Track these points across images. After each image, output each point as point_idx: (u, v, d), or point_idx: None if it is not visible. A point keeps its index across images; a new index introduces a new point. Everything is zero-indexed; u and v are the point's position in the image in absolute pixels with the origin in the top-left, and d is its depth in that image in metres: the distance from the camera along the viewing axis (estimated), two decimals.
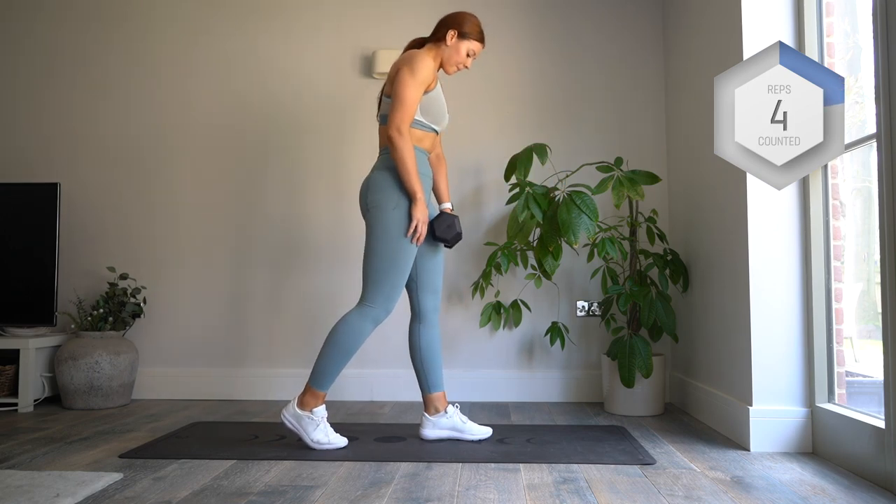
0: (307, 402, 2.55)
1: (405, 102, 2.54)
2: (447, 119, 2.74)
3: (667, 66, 3.69)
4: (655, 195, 3.59)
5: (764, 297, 2.54)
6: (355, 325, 2.55)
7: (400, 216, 2.55)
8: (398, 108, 2.54)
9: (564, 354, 3.62)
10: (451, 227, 2.68)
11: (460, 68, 2.73)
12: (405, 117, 2.55)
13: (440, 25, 2.71)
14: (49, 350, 3.51)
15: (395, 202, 2.56)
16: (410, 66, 2.57)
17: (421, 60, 2.58)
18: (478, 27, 2.71)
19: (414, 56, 2.60)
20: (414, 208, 2.55)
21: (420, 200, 2.54)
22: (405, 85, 2.55)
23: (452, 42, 2.68)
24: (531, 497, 1.98)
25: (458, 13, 2.71)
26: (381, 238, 2.55)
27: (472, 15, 2.72)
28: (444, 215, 2.70)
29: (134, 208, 3.79)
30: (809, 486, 2.07)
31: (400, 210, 2.56)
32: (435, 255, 2.75)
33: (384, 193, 2.57)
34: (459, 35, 2.67)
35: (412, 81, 2.55)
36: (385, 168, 2.61)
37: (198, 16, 3.84)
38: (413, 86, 2.55)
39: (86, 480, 2.07)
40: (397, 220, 2.55)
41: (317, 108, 3.77)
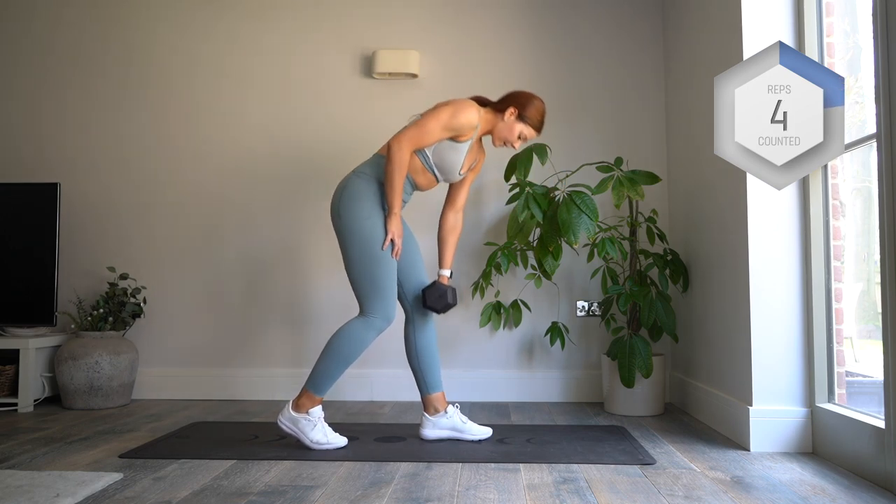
0: (303, 405, 2.55)
1: (423, 129, 2.54)
2: (455, 177, 2.70)
3: (667, 66, 3.69)
4: (655, 195, 3.59)
5: (764, 297, 2.54)
6: (357, 334, 2.55)
7: (373, 226, 2.54)
8: (415, 128, 2.54)
9: (564, 354, 3.62)
10: (443, 298, 2.67)
11: (507, 146, 2.70)
12: (414, 139, 2.53)
13: (507, 97, 2.68)
14: (49, 350, 3.51)
15: (366, 212, 2.55)
16: (454, 108, 2.56)
17: (467, 112, 2.56)
18: (540, 117, 2.67)
19: (464, 105, 2.58)
20: (389, 222, 2.55)
21: (395, 214, 2.54)
22: (435, 117, 2.54)
23: (509, 119, 2.64)
24: (531, 497, 1.98)
25: (529, 95, 2.67)
26: (359, 249, 2.54)
27: (541, 102, 2.68)
28: (437, 285, 2.69)
29: (134, 208, 3.79)
30: (809, 486, 2.07)
31: (373, 220, 2.55)
32: (412, 255, 2.74)
33: (358, 202, 2.56)
34: (519, 116, 2.64)
35: (444, 119, 2.54)
36: (365, 174, 2.60)
37: (197, 16, 3.84)
38: (441, 123, 2.54)
39: (86, 480, 2.07)
40: (371, 229, 2.54)
41: (316, 108, 3.77)
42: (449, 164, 2.64)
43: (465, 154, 2.64)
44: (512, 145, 2.70)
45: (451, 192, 2.83)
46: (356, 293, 2.59)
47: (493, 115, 2.67)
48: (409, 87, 3.75)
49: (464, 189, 2.81)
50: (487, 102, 2.71)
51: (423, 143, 2.56)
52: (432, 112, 2.57)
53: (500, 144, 2.72)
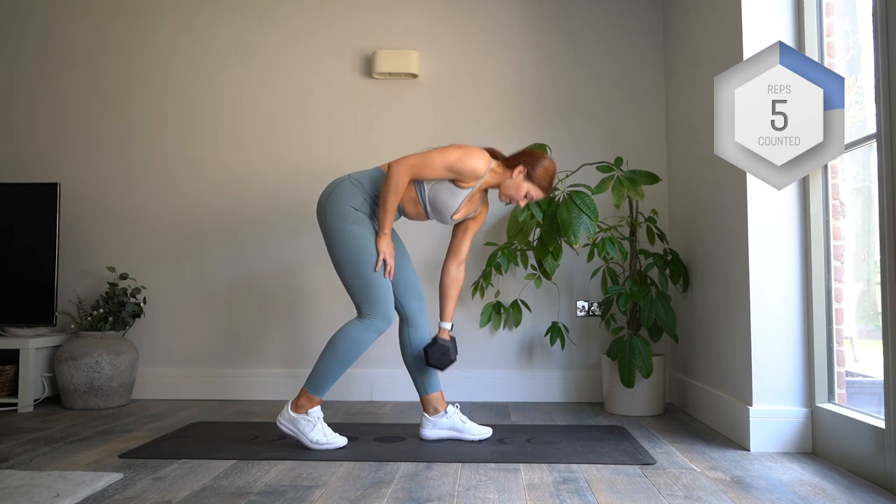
0: (302, 406, 2.55)
1: (427, 161, 2.52)
2: (446, 220, 2.68)
3: (667, 66, 3.69)
4: (655, 195, 3.59)
5: (764, 297, 2.54)
6: (357, 335, 2.55)
7: (360, 231, 2.54)
8: (419, 157, 2.53)
9: (564, 354, 3.62)
10: (445, 356, 2.67)
11: (512, 202, 2.68)
12: (415, 169, 2.52)
13: (520, 154, 2.66)
14: (49, 350, 3.51)
15: (353, 217, 2.55)
16: (464, 153, 2.54)
17: (475, 160, 2.55)
18: (549, 178, 2.65)
19: (475, 153, 2.57)
20: (379, 241, 2.55)
21: (385, 234, 2.55)
22: (442, 155, 2.53)
23: (517, 178, 2.62)
24: (531, 497, 1.98)
25: (540, 155, 2.65)
26: (347, 253, 2.55)
27: (552, 163, 2.66)
28: (439, 343, 2.68)
29: (134, 208, 3.79)
30: (809, 486, 2.07)
31: (359, 225, 2.55)
32: (401, 258, 2.73)
33: (344, 205, 2.56)
34: (527, 175, 2.62)
35: (451, 160, 2.52)
36: (359, 183, 2.60)
37: (197, 17, 3.84)
38: (447, 162, 2.52)
39: (86, 480, 2.07)
40: (358, 234, 2.54)
41: (317, 107, 3.77)
42: (442, 204, 2.62)
43: (461, 200, 2.62)
44: (518, 203, 2.67)
45: (453, 243, 2.80)
46: (352, 296, 2.59)
47: (503, 169, 2.64)
48: (409, 87, 3.75)
49: (466, 240, 2.78)
50: (499, 156, 2.68)
51: (422, 174, 2.54)
52: (442, 149, 2.56)
53: (505, 200, 2.69)
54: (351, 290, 2.58)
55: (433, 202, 2.62)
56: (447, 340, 2.72)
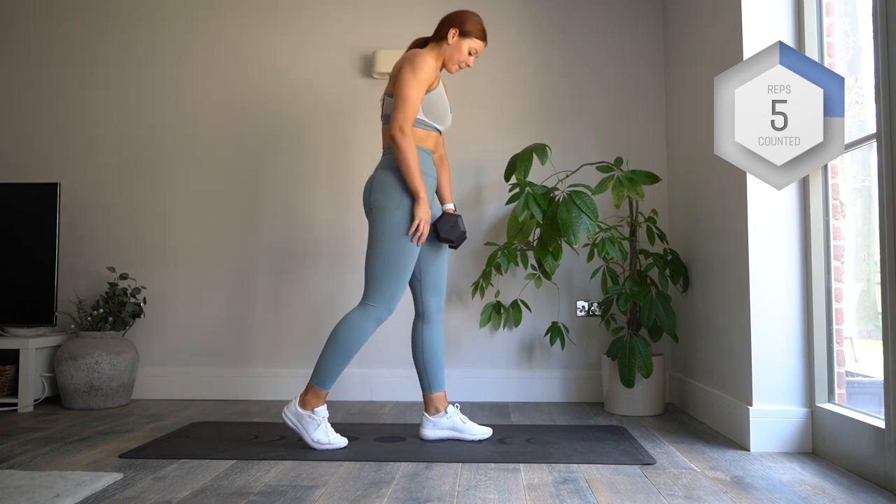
0: (309, 402, 2.55)
1: (407, 102, 2.54)
2: (450, 118, 2.74)
3: (667, 66, 3.69)
4: (655, 195, 3.59)
5: (764, 297, 2.54)
6: (357, 324, 2.55)
7: (402, 216, 2.55)
8: (400, 107, 2.54)
9: (564, 354, 3.62)
10: (455, 227, 2.68)
11: (462, 66, 2.73)
12: (408, 116, 2.55)
13: (442, 24, 2.71)
14: (49, 350, 3.51)
15: (397, 202, 2.56)
16: (412, 65, 2.57)
17: (422, 59, 2.59)
18: (480, 25, 2.71)
19: (415, 55, 2.60)
20: (416, 207, 2.54)
21: (423, 200, 2.54)
22: (407, 84, 2.55)
23: (454, 41, 2.68)
24: (531, 497, 1.98)
25: (459, 12, 2.71)
26: (384, 238, 2.55)
27: (475, 13, 2.72)
28: (446, 216, 2.69)
29: (134, 208, 3.79)
30: (809, 486, 2.08)
31: (402, 210, 2.55)
32: (439, 254, 2.74)
33: (387, 194, 2.57)
34: (461, 33, 2.67)
35: (414, 81, 2.55)
36: (388, 168, 2.61)
37: (198, 16, 3.84)
38: (415, 85, 2.55)
39: (86, 480, 2.07)
40: (400, 220, 2.55)
41: (317, 108, 3.77)
42: (441, 110, 2.66)
43: (444, 93, 2.68)
44: (467, 64, 2.72)
45: None
46: (367, 279, 2.58)
47: (438, 46, 2.70)
48: None
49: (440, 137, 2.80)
50: (427, 40, 2.75)
51: (415, 114, 2.57)
52: (400, 84, 2.56)
53: (455, 69, 2.72)
54: (370, 270, 2.58)
55: (436, 117, 2.66)
56: (454, 214, 2.72)
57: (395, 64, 2.65)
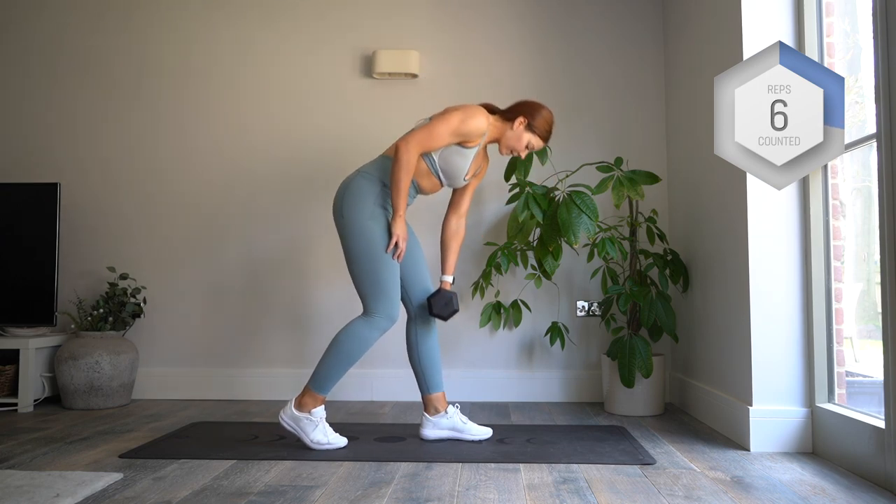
0: (305, 404, 2.55)
1: (432, 132, 2.53)
2: (459, 183, 2.71)
3: (667, 66, 3.69)
4: (655, 195, 3.59)
5: (764, 297, 2.54)
6: (361, 333, 2.55)
7: (375, 227, 2.54)
8: (424, 131, 2.54)
9: (564, 354, 3.62)
10: (449, 305, 2.68)
11: (513, 153, 2.71)
12: (423, 142, 2.53)
13: (517, 106, 2.69)
14: (49, 350, 3.51)
15: (369, 212, 2.55)
16: (464, 114, 2.56)
17: (476, 118, 2.57)
18: (548, 127, 2.68)
19: (476, 111, 2.58)
20: (394, 224, 2.55)
21: (400, 216, 2.54)
22: (445, 122, 2.54)
23: (518, 129, 2.65)
24: (531, 497, 1.98)
25: (538, 105, 2.68)
26: (363, 250, 2.54)
27: (549, 112, 2.69)
28: (442, 292, 2.69)
29: (134, 208, 3.79)
30: (809, 486, 2.07)
31: (375, 221, 2.55)
32: (414, 255, 2.74)
33: (361, 201, 2.56)
34: (528, 126, 2.65)
35: (454, 125, 2.54)
36: (370, 174, 2.60)
37: (198, 16, 3.84)
38: (451, 128, 2.54)
39: (86, 480, 2.07)
40: (374, 230, 2.54)
41: (316, 107, 3.77)
42: (455, 169, 2.64)
43: (471, 160, 2.64)
44: (519, 154, 2.71)
45: (454, 198, 2.83)
46: (359, 293, 2.59)
47: (502, 123, 2.67)
48: (409, 87, 3.75)
49: (467, 195, 2.81)
50: (496, 110, 2.71)
51: (431, 146, 2.55)
52: (442, 116, 2.57)
53: (506, 153, 2.72)
54: (359, 287, 2.58)
55: (445, 170, 2.64)
56: (449, 291, 2.72)
57: (457, 105, 2.64)
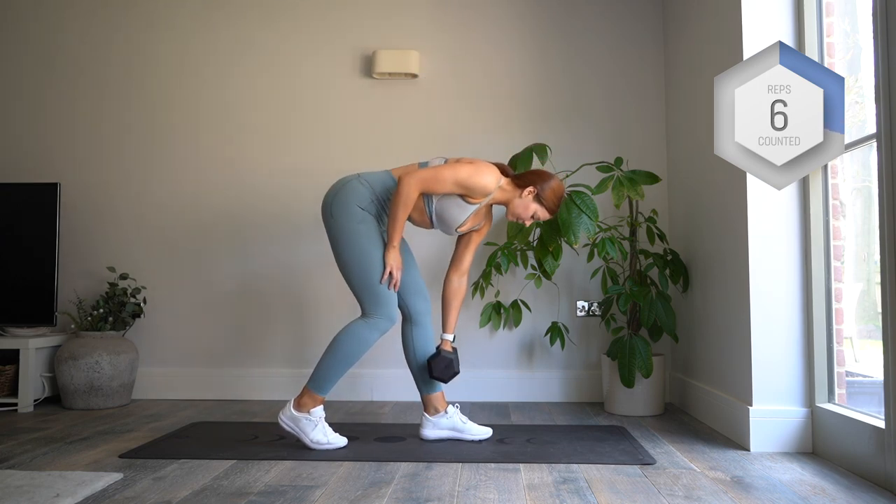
0: (305, 404, 2.55)
1: (438, 177, 2.51)
2: (450, 232, 2.68)
3: (667, 66, 3.69)
4: (655, 195, 3.59)
5: (764, 297, 2.54)
6: (360, 335, 2.55)
7: (366, 230, 2.54)
8: (431, 172, 2.52)
9: (564, 354, 3.62)
10: (450, 368, 2.67)
11: (518, 221, 2.69)
12: (425, 183, 2.51)
13: (529, 175, 2.65)
14: (49, 350, 3.51)
15: (360, 216, 2.55)
16: (475, 170, 2.54)
17: (485, 177, 2.54)
18: (557, 200, 2.65)
19: (486, 170, 2.56)
20: (388, 254, 2.55)
21: (394, 248, 2.54)
22: (453, 171, 2.52)
23: (526, 198, 2.62)
24: (531, 497, 1.98)
25: (549, 176, 2.64)
26: (352, 252, 2.54)
27: (561, 185, 2.66)
28: (443, 355, 2.67)
29: (134, 208, 3.79)
30: (809, 486, 2.07)
31: (366, 225, 2.55)
32: (407, 259, 2.72)
33: (350, 204, 2.55)
34: (535, 197, 2.62)
35: (461, 177, 2.52)
36: (368, 184, 2.59)
37: (198, 15, 3.84)
38: (457, 178, 2.51)
39: (86, 480, 2.07)
40: (363, 235, 2.54)
41: (316, 107, 3.77)
42: (449, 217, 2.62)
43: (468, 214, 2.62)
44: (524, 222, 2.68)
45: (456, 254, 2.80)
46: (356, 296, 2.59)
47: (512, 188, 2.63)
48: (409, 87, 3.75)
49: (469, 252, 2.78)
50: (509, 173, 2.67)
51: (432, 189, 2.54)
52: (453, 164, 2.56)
53: (512, 219, 2.70)
54: (355, 290, 2.58)
55: (440, 215, 2.62)
56: (450, 352, 2.71)
57: (473, 159, 2.62)
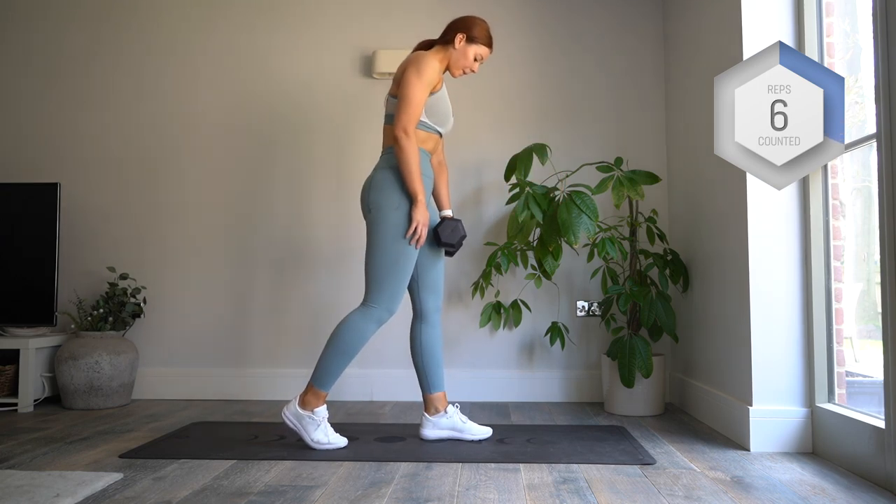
0: (309, 402, 2.55)
1: (411, 103, 2.54)
2: (452, 121, 2.74)
3: (667, 67, 3.69)
4: (655, 195, 3.59)
5: (764, 297, 2.54)
6: (358, 325, 2.55)
7: (401, 217, 2.55)
8: (404, 108, 2.54)
9: (564, 354, 3.62)
10: (456, 231, 2.67)
11: (467, 72, 2.73)
12: (412, 118, 2.54)
13: (449, 29, 2.72)
14: (49, 350, 3.51)
15: (396, 203, 2.56)
16: (417, 66, 2.57)
17: (427, 61, 2.59)
18: (486, 32, 2.71)
19: (420, 57, 2.60)
20: (414, 210, 2.54)
21: (421, 202, 2.54)
22: (411, 86, 2.55)
23: (460, 46, 2.68)
24: (531, 497, 1.98)
25: (467, 17, 2.72)
26: (383, 239, 2.55)
27: (482, 20, 2.72)
28: (446, 221, 2.69)
29: (134, 208, 3.79)
30: (809, 486, 2.08)
31: (401, 211, 2.55)
32: (436, 254, 2.74)
33: (385, 194, 2.57)
34: (468, 39, 2.68)
35: (418, 82, 2.55)
36: (387, 167, 2.61)
37: (198, 16, 3.84)
38: (419, 86, 2.55)
39: (86, 480, 2.07)
40: (398, 221, 2.55)
41: (316, 108, 3.77)
42: (443, 113, 2.67)
43: (447, 96, 2.68)
44: (471, 70, 2.73)
45: None
46: (368, 280, 2.58)
47: (444, 49, 2.70)
48: None
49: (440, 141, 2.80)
50: (432, 42, 2.74)
51: (418, 115, 2.57)
52: (404, 85, 2.57)
53: (459, 73, 2.73)
54: (370, 273, 2.58)
55: (438, 119, 2.66)
56: (454, 219, 2.72)
57: (400, 65, 2.64)
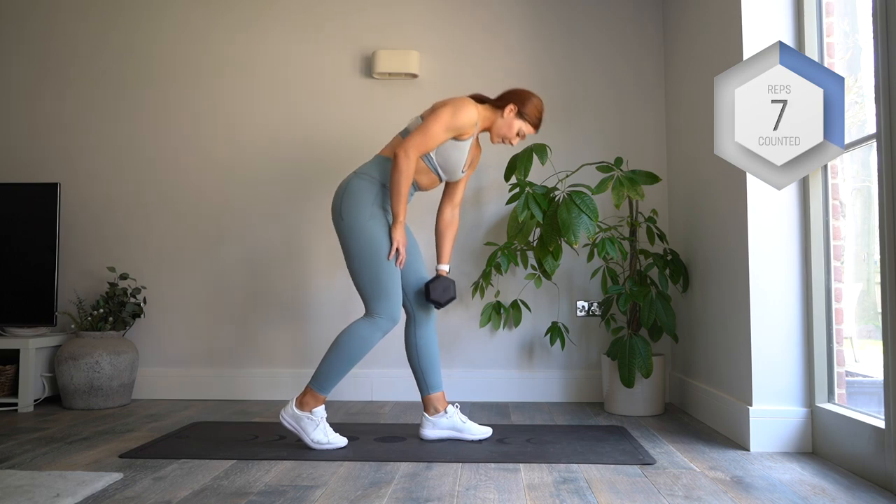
0: (307, 403, 2.55)
1: (428, 133, 2.55)
2: (458, 176, 2.73)
3: (667, 67, 3.69)
4: (655, 195, 3.59)
5: (764, 297, 2.54)
6: (363, 334, 2.55)
7: (376, 227, 2.55)
8: (420, 134, 2.55)
9: (564, 354, 3.62)
10: (447, 291, 2.70)
11: (505, 142, 2.73)
12: (421, 146, 2.54)
13: (506, 94, 2.71)
14: (49, 350, 3.51)
15: (369, 213, 2.56)
16: (455, 108, 2.57)
17: (467, 110, 2.58)
18: (538, 113, 2.71)
19: (464, 103, 2.60)
20: (394, 230, 2.55)
21: (400, 223, 2.55)
22: (438, 120, 2.55)
23: (508, 116, 2.68)
24: (531, 497, 1.98)
25: (527, 92, 2.71)
26: (362, 252, 2.55)
27: (539, 99, 2.72)
28: (441, 279, 2.70)
29: (134, 208, 3.79)
30: (809, 486, 2.08)
31: (375, 221, 2.56)
32: (412, 254, 2.74)
33: (360, 202, 2.56)
34: (518, 113, 2.67)
35: (447, 121, 2.55)
36: (365, 175, 2.61)
37: (198, 16, 3.84)
38: (445, 125, 2.55)
39: (86, 480, 2.07)
40: (373, 231, 2.55)
41: (316, 107, 3.77)
42: (453, 163, 2.65)
43: (467, 152, 2.66)
44: (510, 142, 2.73)
45: (448, 189, 2.84)
46: (361, 294, 2.59)
47: (492, 112, 2.70)
48: (409, 87, 3.75)
49: (461, 185, 2.83)
50: (486, 100, 2.73)
51: (428, 147, 2.57)
52: (433, 115, 2.58)
53: (497, 141, 2.74)
54: (360, 288, 2.58)
55: (444, 165, 2.66)
56: (448, 277, 2.74)
57: (445, 100, 2.65)
